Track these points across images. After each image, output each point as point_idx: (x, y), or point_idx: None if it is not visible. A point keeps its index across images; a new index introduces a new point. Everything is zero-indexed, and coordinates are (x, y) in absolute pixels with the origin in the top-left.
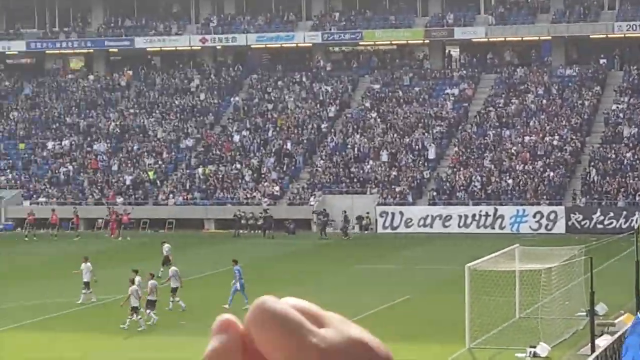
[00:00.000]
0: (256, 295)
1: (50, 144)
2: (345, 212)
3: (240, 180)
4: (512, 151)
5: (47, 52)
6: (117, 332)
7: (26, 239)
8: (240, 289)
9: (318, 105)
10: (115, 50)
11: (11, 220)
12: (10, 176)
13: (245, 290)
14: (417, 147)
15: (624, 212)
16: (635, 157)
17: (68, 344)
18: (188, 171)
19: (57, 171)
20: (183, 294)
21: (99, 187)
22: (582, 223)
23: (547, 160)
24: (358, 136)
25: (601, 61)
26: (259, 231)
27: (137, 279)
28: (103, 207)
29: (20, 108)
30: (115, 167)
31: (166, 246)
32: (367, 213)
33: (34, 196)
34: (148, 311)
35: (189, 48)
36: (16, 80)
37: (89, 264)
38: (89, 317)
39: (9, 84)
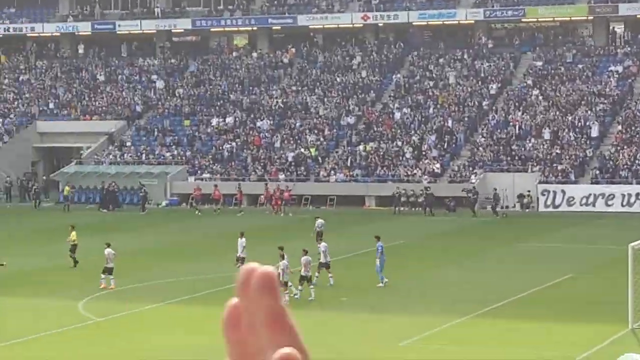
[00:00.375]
0: (417, 272)
1: (214, 121)
2: (495, 189)
3: (400, 158)
4: None
5: (211, 30)
6: None
7: (197, 213)
8: (380, 265)
9: (479, 83)
10: (279, 28)
11: (176, 195)
12: (175, 152)
13: (384, 270)
14: (579, 124)
15: None
16: None
17: (218, 318)
18: (349, 148)
19: (220, 147)
20: (338, 271)
21: (261, 164)
22: None
23: None
24: (520, 113)
25: None
26: (419, 208)
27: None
28: (265, 183)
29: (185, 85)
30: (277, 144)
31: (319, 221)
32: (529, 191)
33: (199, 172)
34: (300, 288)
35: (351, 25)
36: (182, 57)
37: (244, 239)
38: None
39: (175, 61)
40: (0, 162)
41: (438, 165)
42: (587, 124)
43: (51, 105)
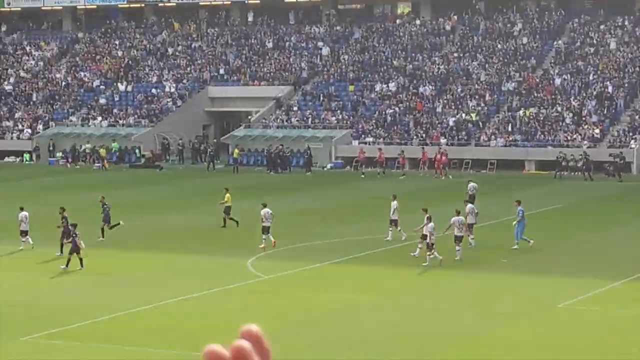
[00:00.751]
0: (574, 235)
1: (378, 86)
2: None
3: (560, 123)
4: None
5: None
6: (417, 267)
7: (361, 175)
8: (520, 229)
9: None
10: None
11: (340, 158)
12: (340, 117)
13: (524, 233)
14: None
15: None
16: None
17: (382, 277)
18: (509, 113)
19: (384, 112)
20: (498, 232)
21: (423, 128)
22: None
23: None
24: None
25: None
26: (579, 173)
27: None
28: (427, 147)
29: (350, 51)
30: (439, 109)
31: (471, 185)
32: None
33: (362, 136)
34: (458, 248)
35: None
36: (347, 25)
37: (395, 202)
38: (400, 254)
39: (340, 28)
40: (173, 126)
41: (597, 131)
42: None
43: (221, 71)
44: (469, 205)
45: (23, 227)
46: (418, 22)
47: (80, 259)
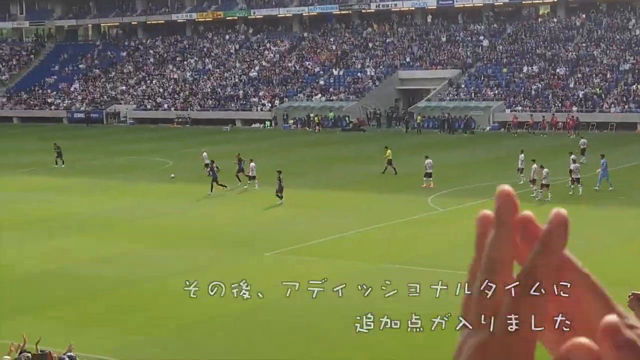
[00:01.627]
0: None
1: (525, 69)
2: None
3: None
4: None
5: (523, 2)
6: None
7: (514, 134)
8: (606, 176)
9: None
10: None
11: (497, 122)
12: (496, 92)
13: (610, 179)
14: None
15: None
16: None
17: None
18: (625, 87)
19: (529, 88)
20: (618, 177)
21: (560, 100)
22: None
23: None
24: None
25: None
26: None
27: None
28: (561, 113)
29: (503, 43)
30: (571, 85)
31: (582, 141)
32: None
33: (513, 106)
34: (575, 185)
35: None
36: (501, 23)
37: (522, 155)
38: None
39: (496, 26)
40: (373, 100)
41: None
42: None
43: (408, 59)
44: (572, 156)
45: (252, 173)
46: (555, 19)
47: (278, 196)
